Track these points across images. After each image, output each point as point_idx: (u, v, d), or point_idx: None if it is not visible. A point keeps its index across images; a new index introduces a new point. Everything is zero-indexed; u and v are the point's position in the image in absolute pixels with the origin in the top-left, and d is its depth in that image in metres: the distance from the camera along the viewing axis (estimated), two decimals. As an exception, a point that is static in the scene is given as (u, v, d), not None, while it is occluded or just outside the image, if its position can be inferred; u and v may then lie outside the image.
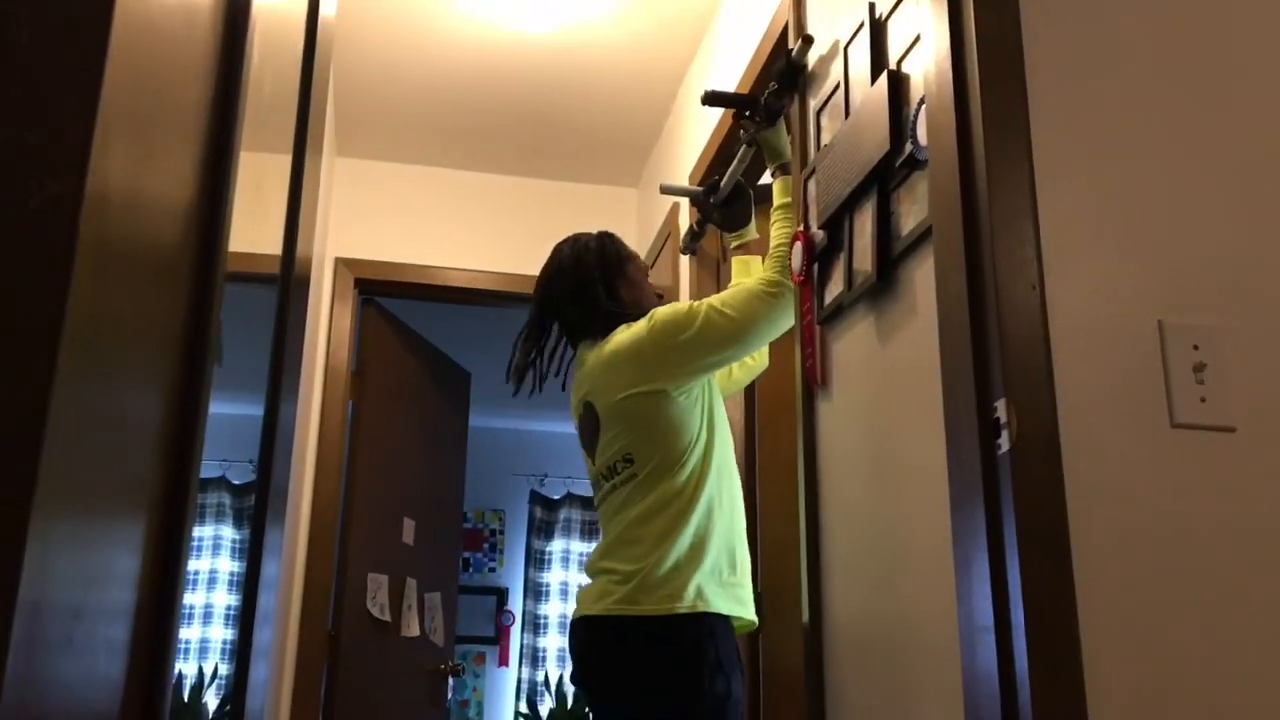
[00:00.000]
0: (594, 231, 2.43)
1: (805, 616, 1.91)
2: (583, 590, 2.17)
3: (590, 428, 2.26)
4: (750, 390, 2.91)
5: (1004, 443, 1.28)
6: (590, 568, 2.17)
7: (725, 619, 2.04)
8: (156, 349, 0.81)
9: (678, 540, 2.05)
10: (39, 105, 0.58)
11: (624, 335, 2.20)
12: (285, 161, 1.38)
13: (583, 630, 2.13)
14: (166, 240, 0.81)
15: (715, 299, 2.18)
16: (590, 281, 2.31)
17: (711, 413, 2.20)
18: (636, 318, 2.23)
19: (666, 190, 3.15)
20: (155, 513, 0.82)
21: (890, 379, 1.71)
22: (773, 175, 2.32)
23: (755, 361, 2.52)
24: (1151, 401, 1.35)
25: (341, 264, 4.12)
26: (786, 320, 2.14)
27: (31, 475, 0.54)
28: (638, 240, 4.30)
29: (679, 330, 2.13)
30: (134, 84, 0.66)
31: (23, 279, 0.56)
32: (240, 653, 1.20)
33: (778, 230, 2.22)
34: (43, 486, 0.55)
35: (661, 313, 2.19)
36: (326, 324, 4.03)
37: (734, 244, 2.57)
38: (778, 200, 2.26)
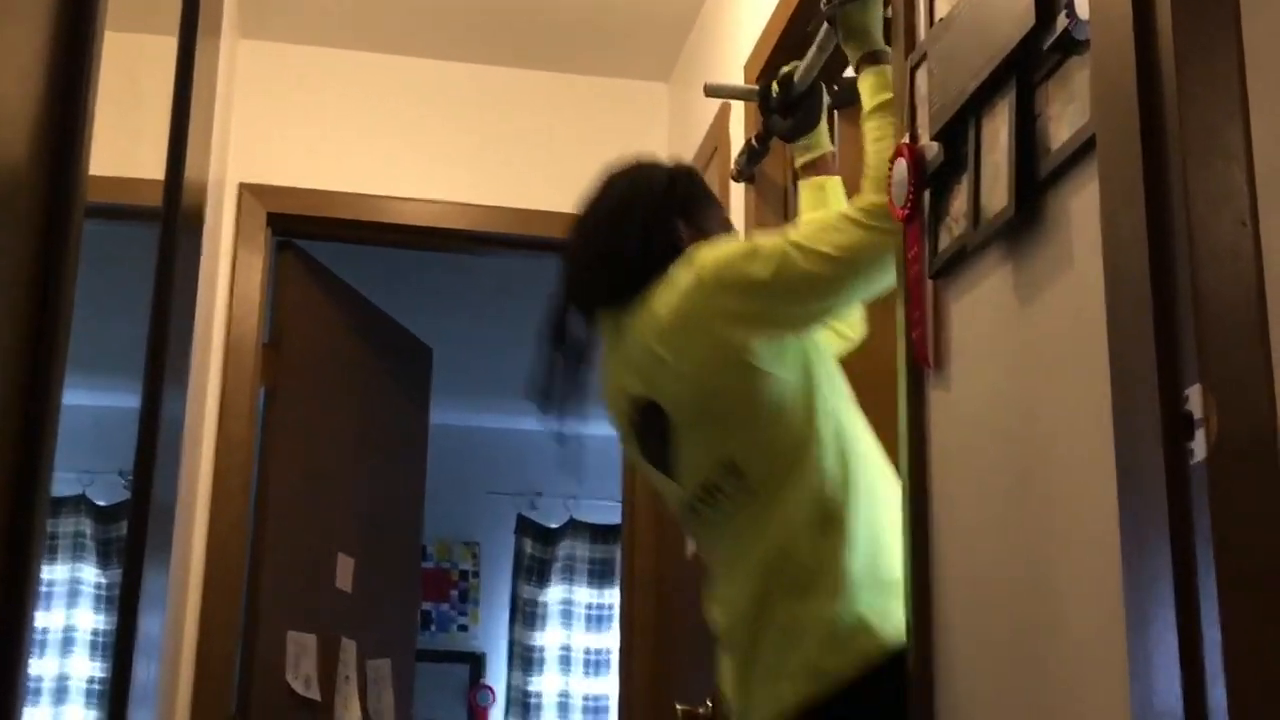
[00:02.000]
0: (669, 163, 2.43)
1: (912, 681, 1.91)
2: (739, 696, 2.15)
3: (652, 434, 2.25)
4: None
5: (1198, 448, 1.27)
6: (733, 647, 2.15)
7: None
8: (-11, 311, 0.81)
9: (848, 560, 2.05)
10: None
11: (667, 295, 2.17)
12: (170, 45, 1.38)
13: None
14: (4, 157, 0.81)
15: (792, 232, 2.17)
16: (642, 223, 2.28)
17: (818, 374, 2.18)
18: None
19: (713, 91, 3.14)
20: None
21: (1033, 358, 1.70)
22: (856, 69, 2.31)
23: (850, 331, 2.48)
24: None
25: (248, 191, 4.14)
26: (893, 266, 2.12)
27: None
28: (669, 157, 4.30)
29: (741, 271, 2.12)
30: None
31: None
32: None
33: (875, 143, 2.19)
34: None
35: (709, 255, 2.16)
36: (228, 276, 4.06)
37: (801, 160, 2.58)
38: (871, 101, 2.24)
